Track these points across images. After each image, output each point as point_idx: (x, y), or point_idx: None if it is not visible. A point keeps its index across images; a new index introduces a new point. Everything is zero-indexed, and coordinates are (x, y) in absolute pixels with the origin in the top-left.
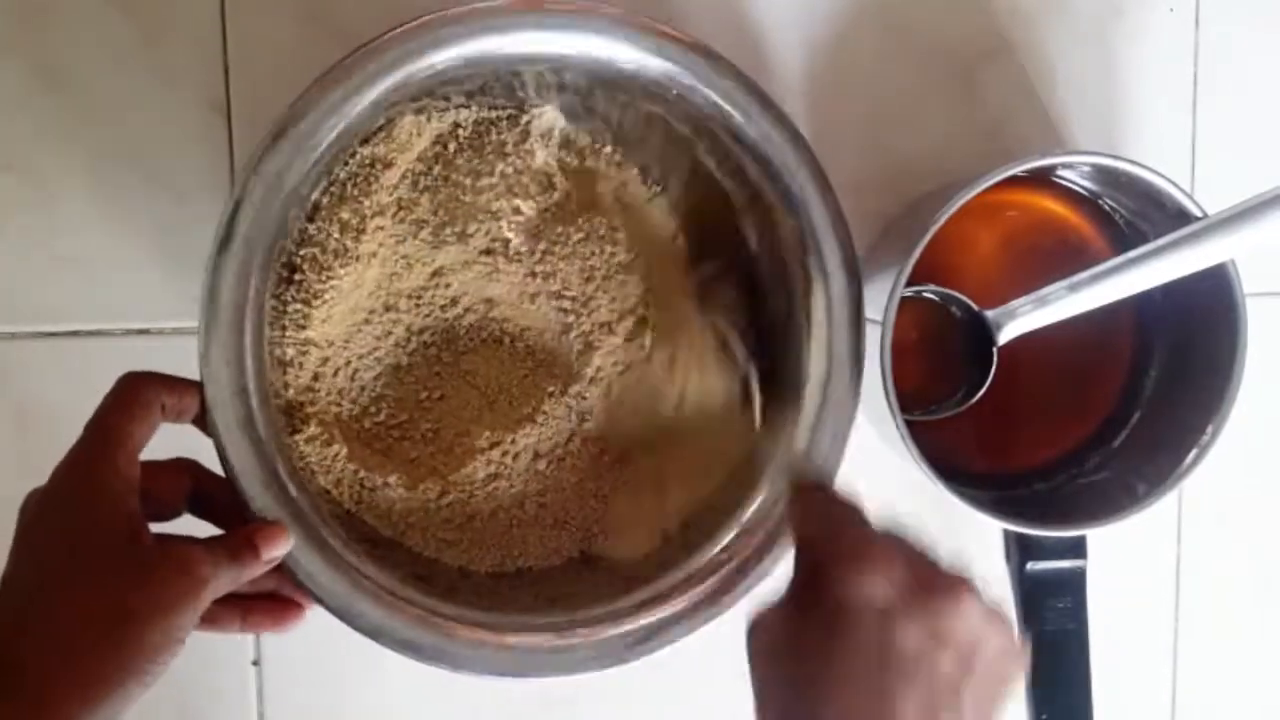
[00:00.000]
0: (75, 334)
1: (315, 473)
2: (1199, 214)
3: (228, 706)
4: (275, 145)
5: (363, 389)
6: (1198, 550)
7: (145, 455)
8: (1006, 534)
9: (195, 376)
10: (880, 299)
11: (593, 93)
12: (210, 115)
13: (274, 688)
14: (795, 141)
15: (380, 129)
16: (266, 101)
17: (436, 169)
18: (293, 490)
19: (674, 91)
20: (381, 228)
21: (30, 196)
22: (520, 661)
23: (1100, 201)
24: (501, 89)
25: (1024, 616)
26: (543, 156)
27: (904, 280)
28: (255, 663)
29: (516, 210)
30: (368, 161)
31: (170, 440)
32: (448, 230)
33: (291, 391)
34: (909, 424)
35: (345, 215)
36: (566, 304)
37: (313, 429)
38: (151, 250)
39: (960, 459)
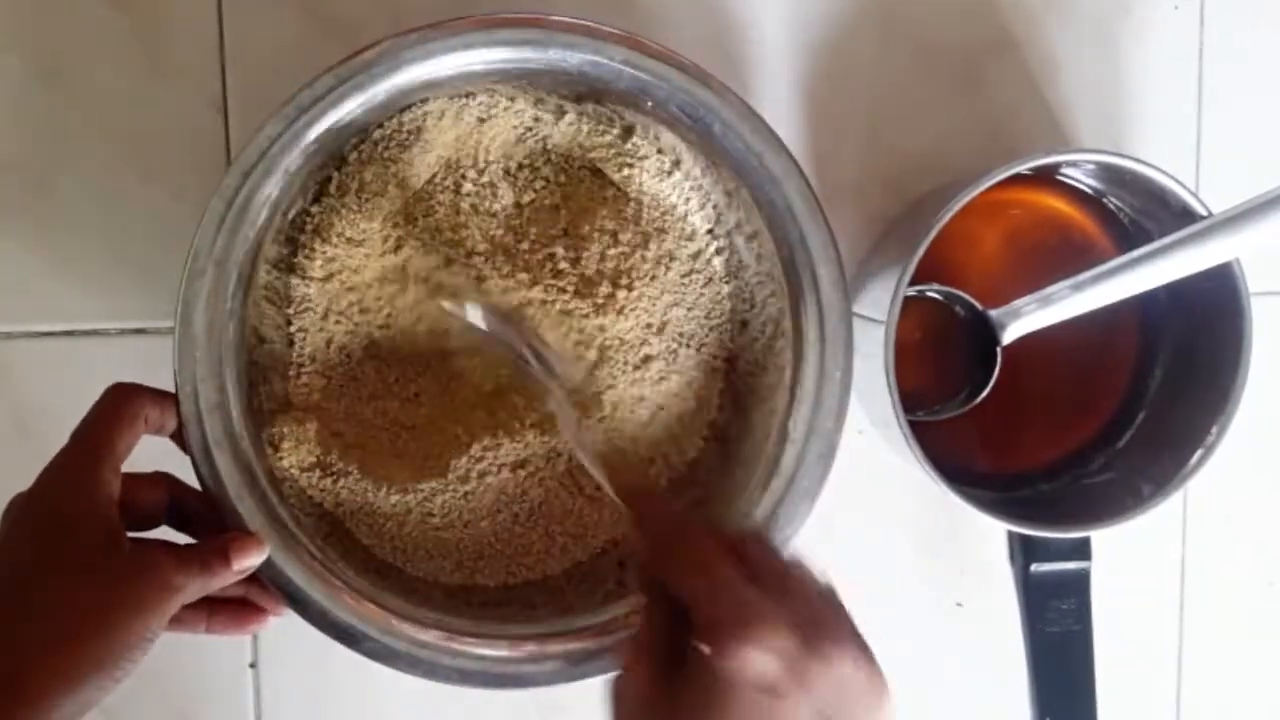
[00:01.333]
0: (71, 334)
1: (297, 480)
2: (1204, 213)
3: (225, 709)
4: (238, 168)
5: (344, 390)
6: (1203, 551)
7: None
8: (1010, 535)
9: None
10: (883, 299)
11: (577, 104)
12: (208, 112)
13: (271, 690)
14: (777, 150)
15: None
16: (265, 98)
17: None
18: (273, 500)
19: (649, 103)
20: (369, 249)
21: (28, 196)
22: (504, 673)
23: (1105, 200)
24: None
25: (1028, 617)
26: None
27: (907, 280)
28: (253, 665)
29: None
30: (339, 188)
31: (152, 450)
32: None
33: (270, 400)
34: (912, 425)
35: (344, 227)
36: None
37: (293, 436)
38: (149, 249)
39: (964, 460)
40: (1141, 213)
